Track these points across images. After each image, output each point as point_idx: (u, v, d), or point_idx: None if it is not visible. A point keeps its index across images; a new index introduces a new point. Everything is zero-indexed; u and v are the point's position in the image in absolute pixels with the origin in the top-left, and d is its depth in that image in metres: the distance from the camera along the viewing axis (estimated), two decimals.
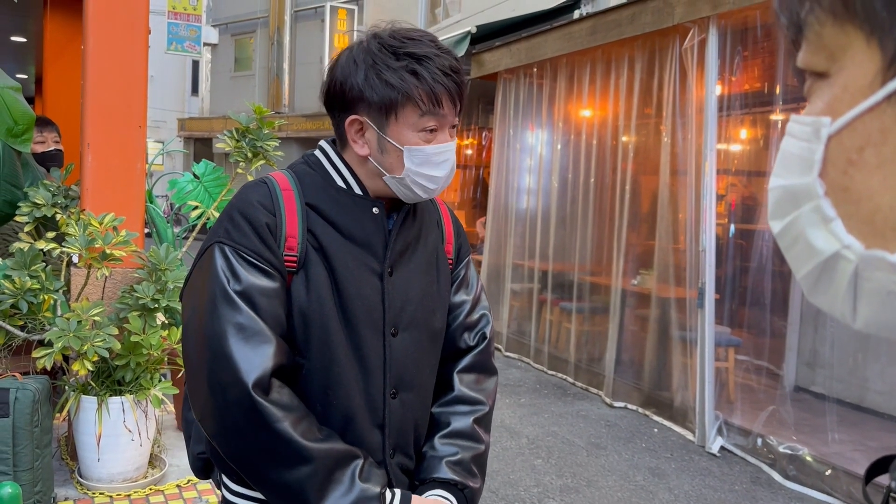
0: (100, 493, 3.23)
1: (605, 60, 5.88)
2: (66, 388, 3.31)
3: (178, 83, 23.44)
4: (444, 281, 1.37)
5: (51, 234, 3.26)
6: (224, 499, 1.30)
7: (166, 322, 3.38)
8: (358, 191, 1.27)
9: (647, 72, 5.38)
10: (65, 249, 3.15)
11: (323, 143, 1.32)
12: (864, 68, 0.39)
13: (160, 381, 3.33)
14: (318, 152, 1.31)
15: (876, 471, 0.60)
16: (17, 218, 3.38)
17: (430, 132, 1.22)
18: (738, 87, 5.04)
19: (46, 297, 3.16)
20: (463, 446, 1.32)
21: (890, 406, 4.89)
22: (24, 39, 7.20)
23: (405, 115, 1.19)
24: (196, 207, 3.98)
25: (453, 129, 1.26)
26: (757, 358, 5.18)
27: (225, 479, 1.29)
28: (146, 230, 3.81)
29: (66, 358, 3.24)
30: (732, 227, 5.61)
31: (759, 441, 4.43)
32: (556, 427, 4.93)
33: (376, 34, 1.22)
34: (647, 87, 5.41)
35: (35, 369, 3.14)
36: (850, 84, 0.40)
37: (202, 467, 1.34)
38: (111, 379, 3.27)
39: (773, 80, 4.85)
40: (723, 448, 4.57)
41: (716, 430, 4.63)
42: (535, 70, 6.84)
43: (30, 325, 3.21)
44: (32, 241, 3.21)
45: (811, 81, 0.43)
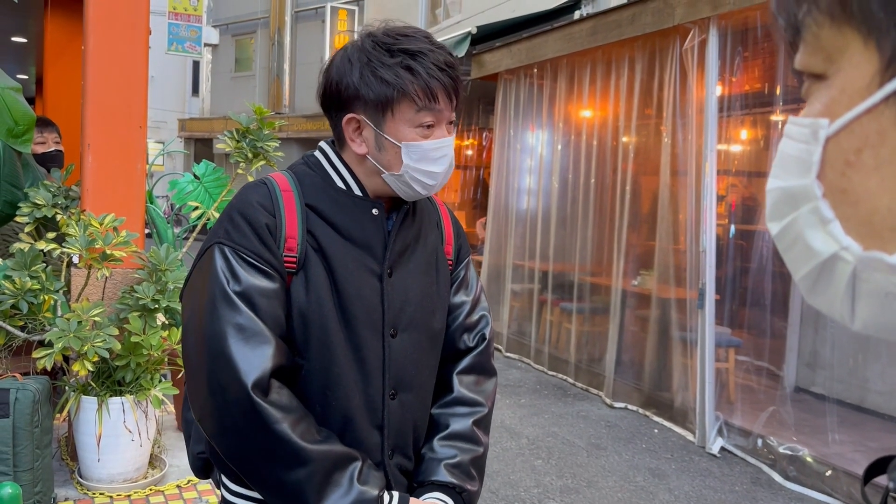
0: (100, 494, 3.23)
1: (605, 61, 5.88)
2: (67, 388, 3.31)
3: (179, 84, 23.43)
4: (444, 282, 1.37)
5: (51, 235, 3.26)
6: (223, 499, 1.30)
7: (166, 322, 3.38)
8: (357, 192, 1.27)
9: (648, 72, 5.38)
10: (65, 250, 3.15)
11: (323, 144, 1.33)
12: (862, 70, 0.39)
13: (160, 381, 3.33)
14: (317, 153, 1.31)
15: (874, 471, 0.60)
16: (17, 218, 3.38)
17: (427, 128, 1.21)
18: (738, 88, 5.04)
19: (47, 297, 3.16)
20: (462, 448, 1.32)
21: (890, 407, 4.88)
22: (24, 40, 7.20)
23: (401, 111, 1.19)
24: (196, 208, 3.98)
25: (451, 125, 1.26)
26: (757, 358, 5.17)
27: (224, 479, 1.29)
28: (146, 231, 3.82)
29: (66, 358, 3.24)
30: (733, 228, 5.60)
31: (760, 442, 4.43)
32: (556, 428, 4.93)
33: (370, 33, 1.22)
34: (647, 88, 5.41)
35: (35, 370, 3.14)
36: (847, 86, 0.40)
37: (202, 467, 1.34)
38: (111, 379, 3.27)
39: (774, 81, 4.85)
40: (723, 449, 4.57)
41: (716, 430, 4.63)
42: (535, 71, 6.83)
43: (30, 325, 3.21)
44: (33, 242, 3.21)
45: (809, 83, 0.43)
